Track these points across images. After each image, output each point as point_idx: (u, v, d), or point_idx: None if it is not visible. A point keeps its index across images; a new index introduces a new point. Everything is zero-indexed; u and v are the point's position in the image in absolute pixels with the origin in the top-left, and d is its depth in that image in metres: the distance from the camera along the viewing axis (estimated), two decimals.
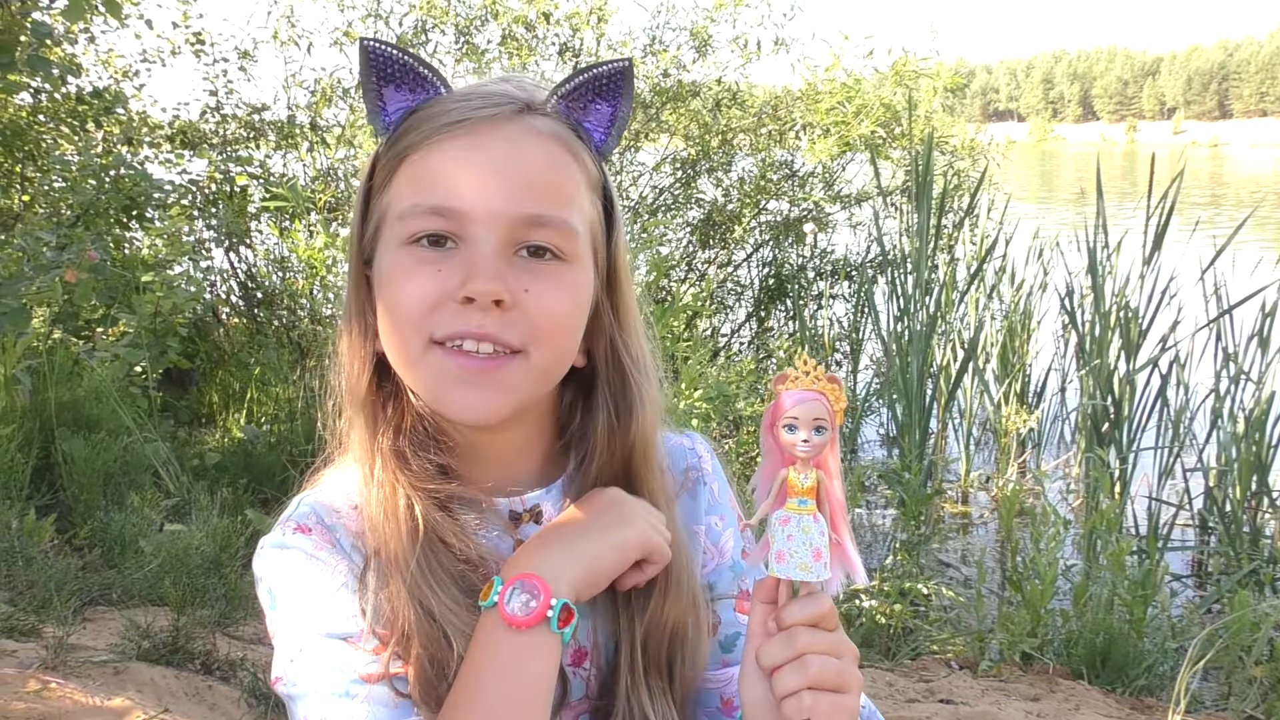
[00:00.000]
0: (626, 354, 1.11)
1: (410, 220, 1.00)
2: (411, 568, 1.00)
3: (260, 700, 2.89)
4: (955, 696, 3.53)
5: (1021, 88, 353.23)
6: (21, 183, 6.33)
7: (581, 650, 1.11)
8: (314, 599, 1.03)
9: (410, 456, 1.05)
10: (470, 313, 0.97)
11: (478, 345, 0.98)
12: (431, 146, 1.01)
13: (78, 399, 4.67)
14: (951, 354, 6.92)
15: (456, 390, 0.99)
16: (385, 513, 1.03)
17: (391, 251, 1.02)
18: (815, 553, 0.94)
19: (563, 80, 1.07)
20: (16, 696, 2.62)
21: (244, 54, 7.35)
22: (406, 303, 0.99)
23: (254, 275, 7.04)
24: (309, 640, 1.02)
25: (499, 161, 1.00)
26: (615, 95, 1.08)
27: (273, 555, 1.06)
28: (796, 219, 8.47)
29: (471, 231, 0.99)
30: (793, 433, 0.93)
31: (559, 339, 1.03)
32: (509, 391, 1.00)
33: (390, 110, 1.06)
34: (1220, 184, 38.06)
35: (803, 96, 8.40)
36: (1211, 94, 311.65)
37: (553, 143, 1.04)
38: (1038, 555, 3.98)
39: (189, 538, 3.58)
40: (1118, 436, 5.77)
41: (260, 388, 6.12)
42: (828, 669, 0.94)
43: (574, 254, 1.03)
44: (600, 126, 1.09)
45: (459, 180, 0.99)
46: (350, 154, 7.20)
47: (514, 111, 1.03)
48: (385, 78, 1.05)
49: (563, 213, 1.02)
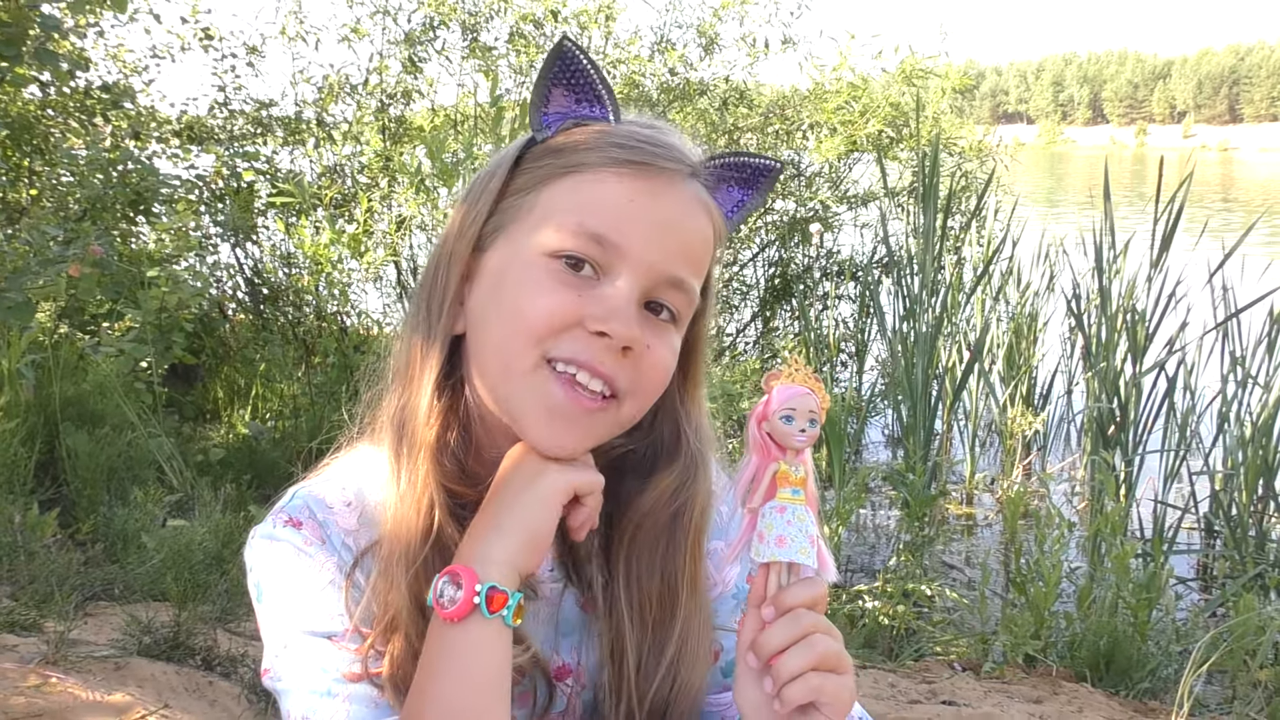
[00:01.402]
0: (687, 421, 1.13)
1: (565, 235, 1.00)
2: (417, 566, 1.00)
3: (260, 696, 2.89)
4: (958, 698, 3.52)
5: (1031, 90, 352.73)
6: (29, 176, 6.34)
7: (565, 666, 1.11)
8: (300, 595, 1.03)
9: (446, 454, 1.05)
10: (597, 347, 0.98)
11: (590, 379, 0.99)
12: (609, 174, 1.01)
13: (82, 394, 4.68)
14: (957, 355, 6.91)
15: (551, 418, 1.00)
16: (409, 504, 1.03)
17: (525, 255, 1.01)
18: (810, 539, 0.96)
19: (718, 154, 1.09)
20: (17, 691, 2.62)
21: (252, 50, 7.36)
22: (535, 314, 0.99)
23: (260, 271, 7.05)
24: (293, 637, 1.02)
25: (671, 219, 1.02)
26: (754, 187, 1.11)
27: (262, 546, 1.07)
28: (803, 219, 8.46)
29: (618, 269, 0.99)
30: (790, 423, 0.95)
31: (651, 396, 1.05)
32: (593, 435, 1.02)
33: (551, 112, 1.06)
34: (1230, 188, 37.94)
35: (810, 96, 8.40)
36: (1222, 98, 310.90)
37: (706, 215, 1.06)
38: (1042, 557, 3.97)
39: (191, 533, 3.58)
40: (1123, 439, 5.75)
41: (265, 384, 6.13)
42: (831, 649, 0.95)
43: (684, 319, 1.06)
44: (726, 206, 1.11)
45: (631, 220, 1.00)
46: (357, 150, 7.21)
47: (688, 174, 1.05)
48: (560, 78, 1.05)
49: (695, 281, 1.04)
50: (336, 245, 5.95)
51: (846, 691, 0.95)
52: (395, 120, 7.30)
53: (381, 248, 6.24)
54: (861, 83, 8.26)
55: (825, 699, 0.93)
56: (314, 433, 5.37)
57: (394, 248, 6.50)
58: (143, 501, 3.98)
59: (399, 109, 7.41)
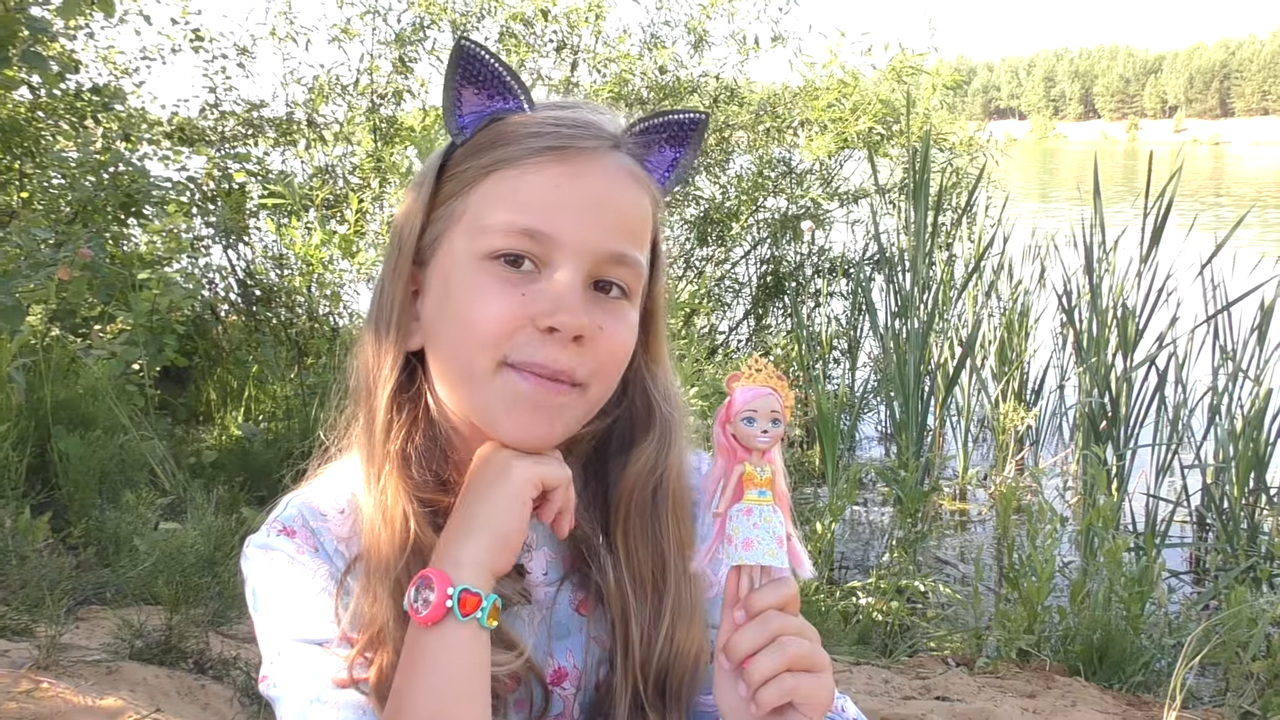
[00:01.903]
0: (654, 386, 1.12)
1: (496, 236, 0.99)
2: (396, 574, 1.00)
3: (253, 699, 2.88)
4: (952, 694, 3.53)
5: (1023, 85, 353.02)
6: (20, 179, 6.32)
7: (561, 670, 1.10)
8: (292, 603, 1.04)
9: (414, 465, 1.04)
10: (549, 344, 0.98)
11: (553, 375, 0.99)
12: (530, 165, 1.00)
13: (74, 397, 4.66)
14: (949, 351, 6.92)
15: (519, 412, 0.99)
16: (382, 518, 1.03)
17: (464, 263, 1.01)
18: (779, 540, 0.95)
19: (639, 119, 1.08)
20: (8, 696, 2.62)
21: (242, 50, 7.35)
22: (483, 323, 0.98)
23: (252, 272, 7.04)
24: (286, 644, 1.03)
25: (599, 197, 1.01)
26: (683, 144, 1.10)
27: (256, 556, 1.07)
28: (794, 216, 8.46)
29: (557, 259, 0.99)
30: (751, 424, 0.94)
31: (614, 375, 1.05)
32: (564, 422, 1.02)
33: (465, 112, 1.05)
34: (1221, 182, 38.02)
35: (801, 93, 8.40)
36: (1213, 92, 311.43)
37: (637, 184, 1.05)
38: (1035, 552, 3.98)
39: (183, 536, 3.57)
40: (1115, 434, 5.77)
41: (258, 385, 6.12)
42: (803, 650, 0.94)
43: (634, 293, 1.05)
44: (661, 169, 1.10)
45: (558, 208, 0.99)
46: (348, 151, 7.21)
47: (608, 147, 1.04)
48: (468, 78, 1.05)
49: (639, 254, 1.04)
50: (328, 246, 5.94)
51: (823, 690, 0.95)
52: (386, 120, 7.29)
53: (373, 248, 6.24)
54: (852, 80, 8.27)
55: (801, 699, 0.93)
56: (307, 434, 5.36)
57: (386, 249, 6.49)
58: (135, 504, 3.96)
59: (390, 109, 7.40)
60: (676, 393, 1.15)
